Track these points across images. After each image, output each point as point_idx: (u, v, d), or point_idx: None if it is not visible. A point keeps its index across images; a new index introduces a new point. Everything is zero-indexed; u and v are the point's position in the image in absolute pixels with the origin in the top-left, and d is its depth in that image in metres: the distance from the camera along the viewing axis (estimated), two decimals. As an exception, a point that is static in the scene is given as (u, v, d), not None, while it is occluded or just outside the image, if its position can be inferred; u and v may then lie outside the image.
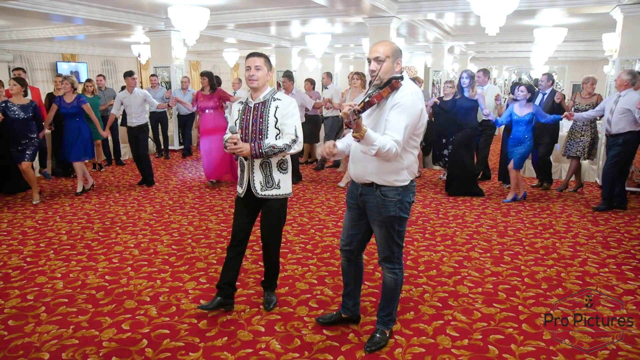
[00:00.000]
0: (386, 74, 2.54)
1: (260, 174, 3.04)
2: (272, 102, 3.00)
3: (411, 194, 2.68)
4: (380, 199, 2.62)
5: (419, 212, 5.74)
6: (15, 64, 13.52)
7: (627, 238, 4.87)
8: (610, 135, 5.64)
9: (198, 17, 7.23)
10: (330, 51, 16.48)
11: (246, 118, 3.04)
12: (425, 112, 2.63)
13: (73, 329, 3.06)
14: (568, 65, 21.39)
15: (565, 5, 7.45)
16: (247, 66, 2.97)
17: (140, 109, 6.98)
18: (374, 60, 2.55)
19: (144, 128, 7.05)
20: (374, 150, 2.38)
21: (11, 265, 4.11)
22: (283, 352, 2.82)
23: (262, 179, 3.05)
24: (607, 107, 5.70)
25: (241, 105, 3.11)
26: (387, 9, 7.78)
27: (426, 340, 2.94)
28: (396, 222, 2.65)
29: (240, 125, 3.05)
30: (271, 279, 3.39)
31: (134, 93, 6.93)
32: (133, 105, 6.90)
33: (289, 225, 5.20)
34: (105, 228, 5.13)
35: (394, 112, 2.48)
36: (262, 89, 3.03)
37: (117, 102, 7.02)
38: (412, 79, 4.02)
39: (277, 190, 3.09)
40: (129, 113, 6.95)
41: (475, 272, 3.98)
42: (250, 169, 3.05)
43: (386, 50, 2.54)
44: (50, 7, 7.59)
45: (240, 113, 3.08)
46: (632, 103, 5.37)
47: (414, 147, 2.64)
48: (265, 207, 3.13)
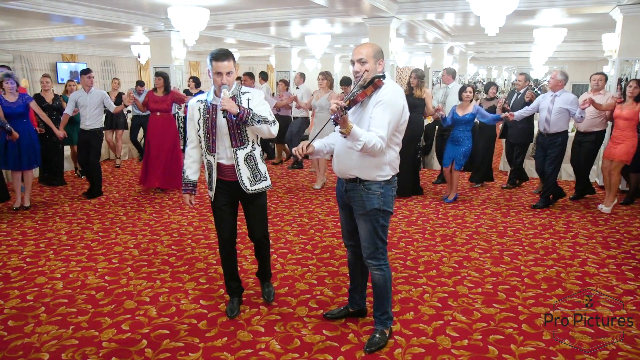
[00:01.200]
0: (369, 74, 2.63)
1: (246, 169, 3.01)
2: (242, 96, 2.98)
3: (393, 188, 2.77)
4: (364, 192, 2.70)
5: (418, 213, 5.74)
6: (15, 65, 13.53)
7: (626, 238, 4.87)
8: (548, 134, 5.79)
9: (198, 18, 7.22)
10: (330, 51, 16.46)
11: (210, 117, 2.96)
12: (407, 109, 2.70)
13: (73, 329, 3.06)
14: (568, 65, 21.38)
15: (565, 6, 7.44)
16: (218, 72, 2.86)
17: (97, 111, 6.37)
18: (357, 62, 2.65)
19: (97, 133, 6.42)
20: (360, 146, 2.47)
21: (11, 266, 4.11)
22: (283, 352, 2.82)
23: (250, 174, 3.03)
24: (544, 106, 5.81)
25: (202, 105, 3.00)
26: (386, 9, 7.78)
27: (426, 340, 2.94)
28: (380, 215, 2.72)
29: (205, 125, 2.97)
30: (268, 268, 3.46)
31: (90, 93, 6.30)
32: (89, 106, 6.26)
33: (289, 226, 5.20)
34: (105, 228, 5.13)
35: (377, 109, 2.57)
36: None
37: (71, 101, 6.33)
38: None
39: (266, 182, 3.12)
40: (83, 115, 6.30)
41: (475, 273, 3.98)
42: (236, 166, 2.99)
43: (368, 52, 2.64)
44: (50, 7, 7.58)
45: (202, 112, 2.99)
46: (568, 102, 5.58)
47: (397, 144, 2.73)
48: (251, 201, 3.11)
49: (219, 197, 3.09)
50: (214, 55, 2.87)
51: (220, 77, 2.87)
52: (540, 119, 5.89)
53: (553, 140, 5.78)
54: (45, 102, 6.94)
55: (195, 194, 3.17)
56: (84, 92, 6.32)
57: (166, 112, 6.58)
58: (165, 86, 6.55)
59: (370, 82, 2.62)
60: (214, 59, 2.86)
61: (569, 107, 5.58)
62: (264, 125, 2.90)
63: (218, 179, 3.05)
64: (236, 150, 2.98)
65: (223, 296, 3.52)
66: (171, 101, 6.58)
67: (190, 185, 3.15)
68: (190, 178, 3.15)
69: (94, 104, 6.29)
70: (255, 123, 2.86)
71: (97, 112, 6.39)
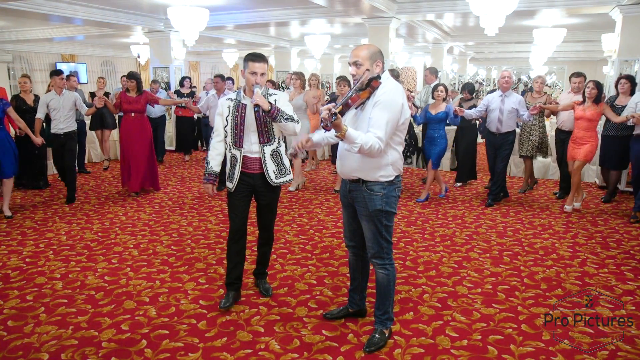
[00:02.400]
0: (366, 76, 2.63)
1: (272, 163, 3.25)
2: (270, 97, 3.20)
3: (396, 189, 2.77)
4: (367, 193, 2.71)
5: (418, 213, 5.74)
6: (15, 65, 13.54)
7: (626, 239, 4.87)
8: (500, 133, 5.95)
9: (197, 18, 7.23)
10: (330, 52, 16.46)
11: (240, 115, 3.20)
12: (407, 107, 2.70)
13: (72, 329, 3.06)
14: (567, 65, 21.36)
15: (565, 6, 7.46)
16: (254, 72, 3.11)
17: (70, 114, 6.19)
18: (353, 65, 2.67)
19: (72, 135, 6.24)
20: (356, 148, 2.50)
21: (10, 266, 4.11)
22: (282, 352, 2.82)
23: (275, 168, 3.26)
24: (494, 107, 5.93)
25: (231, 102, 3.25)
26: (386, 10, 7.79)
27: (425, 340, 2.94)
28: (383, 215, 2.72)
29: (233, 121, 3.21)
30: (265, 266, 3.62)
31: (62, 95, 6.11)
32: (62, 109, 6.08)
33: (289, 226, 5.20)
34: (104, 229, 5.13)
35: (375, 110, 2.58)
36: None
37: (42, 105, 6.06)
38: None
39: (289, 175, 3.34)
40: (56, 118, 6.08)
41: (475, 273, 3.98)
42: (262, 161, 3.23)
43: (364, 54, 2.66)
44: (49, 7, 7.59)
45: (232, 110, 3.23)
46: (517, 103, 5.83)
47: (399, 143, 2.73)
48: (269, 193, 3.31)
49: (239, 187, 3.28)
50: (251, 56, 3.15)
51: (254, 77, 3.12)
52: (492, 119, 6.00)
53: (505, 139, 5.96)
54: (27, 105, 6.55)
55: (216, 184, 3.23)
56: (56, 94, 6.11)
57: (140, 113, 6.43)
58: (138, 87, 6.41)
59: (368, 85, 2.62)
60: (251, 60, 3.13)
61: (519, 107, 5.81)
62: (291, 123, 3.15)
63: (241, 172, 3.25)
64: (263, 146, 3.22)
65: (223, 296, 3.52)
66: (145, 101, 6.43)
67: (212, 176, 3.33)
68: (214, 169, 3.33)
69: (67, 107, 6.15)
70: (283, 120, 3.13)
71: (71, 115, 6.23)
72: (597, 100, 5.58)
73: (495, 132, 5.97)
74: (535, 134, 6.63)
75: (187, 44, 8.52)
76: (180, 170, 8.51)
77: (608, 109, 5.66)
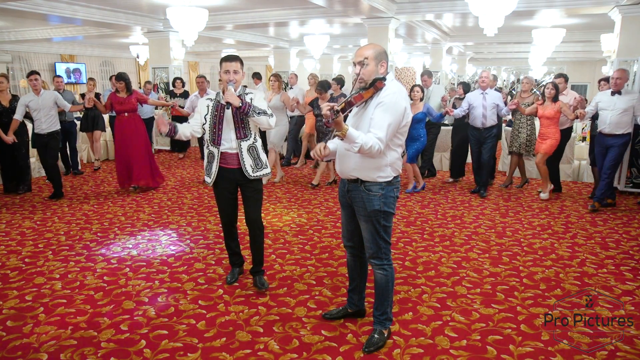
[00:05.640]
0: (370, 76, 2.64)
1: (249, 158, 3.39)
2: (246, 95, 3.36)
3: (395, 189, 2.77)
4: (365, 193, 2.71)
5: (417, 213, 5.74)
6: (14, 65, 13.53)
7: (625, 239, 4.87)
8: (485, 128, 6.45)
9: (196, 18, 7.23)
10: (329, 52, 16.49)
11: (219, 114, 3.34)
12: (410, 110, 2.71)
13: (71, 329, 3.06)
14: (566, 66, 21.39)
15: (564, 6, 7.46)
16: (227, 70, 3.27)
17: (52, 113, 6.21)
18: (357, 64, 2.65)
19: (55, 135, 6.26)
20: (357, 148, 2.50)
21: (10, 266, 4.10)
22: (281, 352, 2.82)
23: (252, 162, 3.40)
24: (477, 104, 6.42)
25: (211, 102, 3.41)
26: (385, 10, 7.79)
27: (425, 340, 2.95)
28: (381, 216, 2.72)
29: (212, 120, 3.36)
30: (261, 263, 3.66)
31: (41, 95, 6.13)
32: (41, 109, 6.10)
33: (288, 226, 5.20)
34: (103, 229, 5.13)
35: (377, 111, 2.58)
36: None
37: (21, 106, 6.09)
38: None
39: (266, 169, 3.48)
40: (38, 118, 6.13)
41: (474, 273, 3.98)
42: (240, 156, 3.37)
43: (369, 53, 2.64)
44: (48, 7, 7.58)
45: (211, 109, 3.38)
46: (497, 99, 6.42)
47: (398, 145, 2.73)
48: (249, 186, 3.45)
49: (220, 182, 3.46)
50: (224, 57, 3.32)
51: (227, 75, 3.27)
52: (475, 115, 6.46)
53: (489, 133, 6.47)
54: (1, 106, 6.32)
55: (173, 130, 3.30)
56: (34, 95, 6.14)
57: (133, 112, 6.52)
58: (127, 88, 6.48)
59: (371, 85, 2.62)
60: (224, 60, 3.30)
61: (499, 102, 6.42)
62: (264, 117, 3.25)
63: (220, 167, 3.41)
64: (240, 142, 3.36)
65: (222, 297, 3.52)
66: (136, 100, 6.52)
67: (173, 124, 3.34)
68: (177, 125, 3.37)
69: (47, 107, 6.15)
70: (256, 115, 3.22)
71: (53, 114, 6.24)
72: (555, 99, 6.10)
73: (481, 127, 6.45)
74: (524, 131, 6.77)
75: (186, 44, 8.52)
76: (180, 170, 8.51)
77: (565, 106, 6.09)
